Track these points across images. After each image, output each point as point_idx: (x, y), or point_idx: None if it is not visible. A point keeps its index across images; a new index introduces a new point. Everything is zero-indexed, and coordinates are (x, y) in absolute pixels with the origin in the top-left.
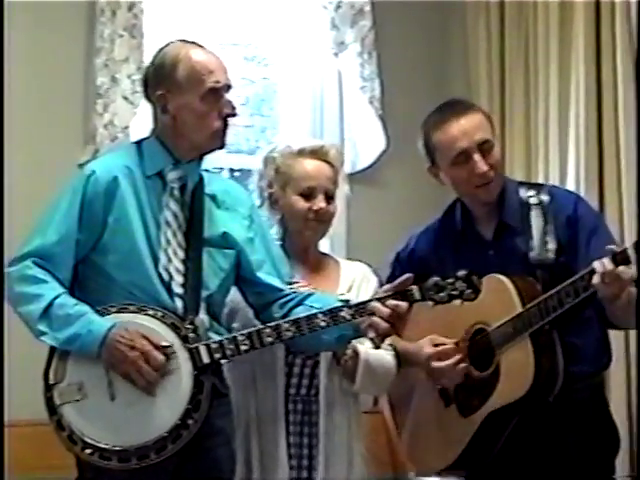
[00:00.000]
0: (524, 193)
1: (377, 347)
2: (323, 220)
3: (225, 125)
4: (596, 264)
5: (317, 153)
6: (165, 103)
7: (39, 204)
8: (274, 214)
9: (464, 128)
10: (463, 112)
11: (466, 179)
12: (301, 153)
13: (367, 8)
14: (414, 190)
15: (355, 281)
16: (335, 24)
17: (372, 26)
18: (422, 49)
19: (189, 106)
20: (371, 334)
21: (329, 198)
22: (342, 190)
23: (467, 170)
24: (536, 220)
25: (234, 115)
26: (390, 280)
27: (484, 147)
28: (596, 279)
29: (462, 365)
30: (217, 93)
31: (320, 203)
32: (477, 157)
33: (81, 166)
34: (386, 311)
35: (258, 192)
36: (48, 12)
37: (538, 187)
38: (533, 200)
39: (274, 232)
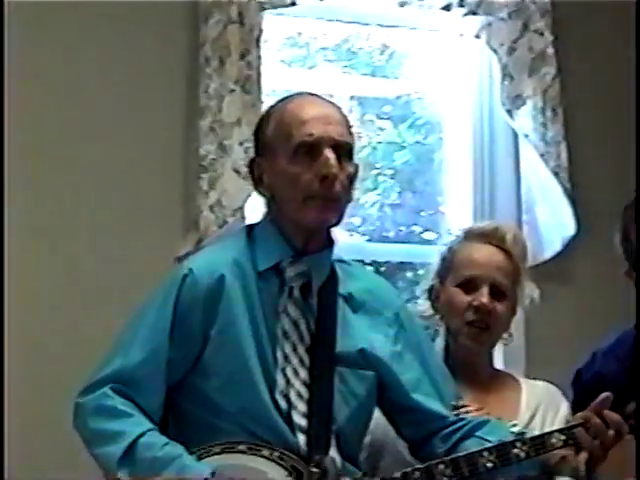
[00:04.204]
0: None
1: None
2: (486, 322)
3: (328, 191)
4: None
5: (488, 236)
6: (261, 172)
7: (127, 309)
8: (436, 315)
9: None
10: None
11: None
12: (469, 236)
13: (550, 50)
14: (612, 290)
15: (540, 407)
16: (508, 72)
17: (557, 74)
18: (621, 103)
19: (279, 170)
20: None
21: (498, 294)
22: (524, 289)
23: None
24: None
25: (333, 176)
26: (573, 405)
27: None
28: None
29: None
30: (312, 149)
31: (482, 297)
32: None
33: (180, 260)
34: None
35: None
36: (141, 62)
37: None
38: None
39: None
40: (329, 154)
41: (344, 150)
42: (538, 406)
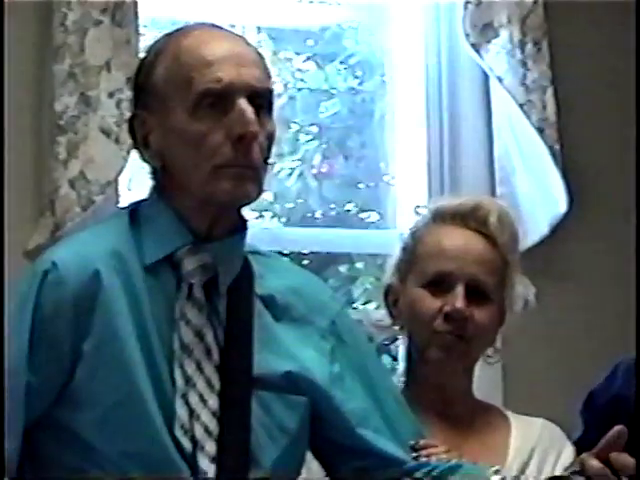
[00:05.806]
0: None
1: None
2: (462, 333)
3: (245, 156)
4: None
5: (465, 217)
6: (146, 133)
7: None
8: (395, 324)
9: None
10: None
11: None
12: (437, 217)
13: None
14: (617, 285)
15: (535, 451)
16: None
17: None
18: (627, 33)
19: (175, 129)
20: None
21: (478, 296)
22: (514, 288)
23: None
24: None
25: (251, 135)
26: (583, 441)
27: None
28: None
29: None
30: (221, 99)
31: (456, 301)
32: None
33: (31, 255)
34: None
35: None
36: None
37: None
38: None
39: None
40: (244, 105)
41: (263, 100)
42: (533, 450)
